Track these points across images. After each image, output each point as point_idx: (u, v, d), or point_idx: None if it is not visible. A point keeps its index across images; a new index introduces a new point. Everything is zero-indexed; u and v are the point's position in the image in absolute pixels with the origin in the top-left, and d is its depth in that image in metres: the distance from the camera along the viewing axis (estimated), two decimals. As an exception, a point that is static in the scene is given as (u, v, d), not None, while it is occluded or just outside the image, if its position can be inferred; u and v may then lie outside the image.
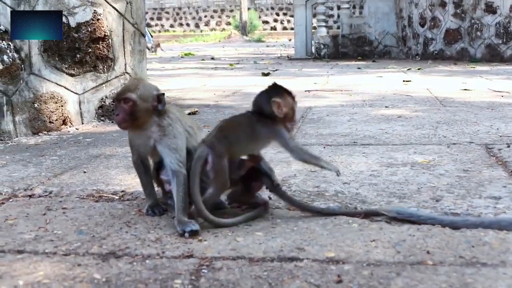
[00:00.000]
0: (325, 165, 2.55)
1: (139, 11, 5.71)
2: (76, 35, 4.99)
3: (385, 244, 2.23)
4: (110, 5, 5.28)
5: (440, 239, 2.26)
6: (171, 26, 40.37)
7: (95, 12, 5.12)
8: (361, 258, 2.10)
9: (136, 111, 2.54)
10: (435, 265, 2.02)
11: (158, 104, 2.59)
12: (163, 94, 2.63)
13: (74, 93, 5.05)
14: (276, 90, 2.54)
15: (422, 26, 14.46)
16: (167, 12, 40.29)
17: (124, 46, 5.47)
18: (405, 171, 3.29)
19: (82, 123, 5.12)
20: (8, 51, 4.48)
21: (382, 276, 1.94)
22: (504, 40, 12.66)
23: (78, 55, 5.03)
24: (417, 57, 14.72)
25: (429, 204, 2.66)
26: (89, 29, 5.08)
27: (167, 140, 2.57)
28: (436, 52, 14.03)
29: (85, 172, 3.44)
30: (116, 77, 5.39)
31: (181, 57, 18.69)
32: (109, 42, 5.27)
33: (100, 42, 5.19)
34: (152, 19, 39.62)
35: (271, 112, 2.49)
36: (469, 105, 6.02)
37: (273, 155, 3.73)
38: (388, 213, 2.52)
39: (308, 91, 7.59)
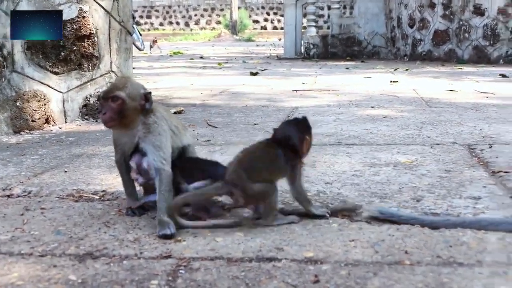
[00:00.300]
0: (313, 210, 2.53)
1: (125, 9, 5.68)
2: (60, 33, 4.96)
3: (364, 244, 2.23)
4: (96, 2, 5.25)
5: (418, 239, 2.25)
6: (161, 24, 40.28)
7: (80, 9, 5.08)
8: (340, 258, 2.09)
9: (124, 110, 2.53)
10: (412, 265, 2.01)
11: (145, 103, 2.58)
12: (150, 92, 2.62)
13: (58, 91, 5.02)
14: (305, 125, 2.51)
15: (411, 27, 14.50)
16: (157, 10, 40.20)
17: (110, 44, 5.44)
18: (387, 171, 3.29)
19: (66, 122, 5.09)
20: (-9, 49, 4.44)
21: (359, 276, 1.94)
22: (491, 42, 12.72)
23: (62, 53, 5.00)
24: (405, 57, 14.75)
25: (410, 204, 2.66)
26: (74, 26, 5.05)
27: (151, 138, 2.56)
28: (424, 53, 14.07)
29: (66, 171, 3.42)
30: (101, 75, 5.36)
31: (170, 55, 18.64)
32: (94, 40, 5.24)
33: (86, 40, 5.16)
34: (141, 17, 39.52)
35: (297, 148, 2.48)
36: (454, 106, 6.03)
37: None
38: (371, 213, 2.52)
39: (296, 91, 7.58)
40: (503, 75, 9.09)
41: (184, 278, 1.96)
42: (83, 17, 5.11)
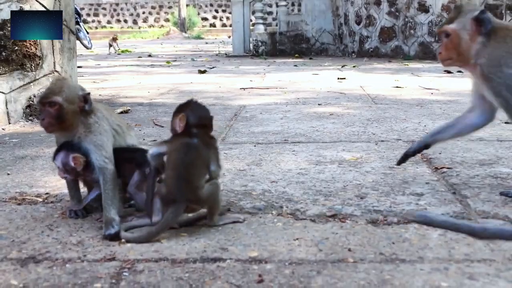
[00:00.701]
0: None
1: (68, 8, 5.58)
2: (1, 32, 4.85)
3: (308, 242, 2.25)
4: (37, 1, 5.14)
5: (362, 236, 2.29)
6: (108, 22, 39.80)
7: (21, 8, 4.97)
8: (284, 257, 2.11)
9: (63, 114, 2.50)
10: (355, 262, 2.05)
11: (84, 104, 2.55)
12: (89, 93, 2.59)
13: (0, 92, 4.91)
14: (195, 104, 2.49)
15: (358, 24, 14.68)
16: (104, 8, 39.69)
17: (52, 44, 5.34)
18: (332, 168, 3.33)
19: (9, 123, 4.99)
20: None
21: (303, 275, 1.96)
22: (437, 38, 12.96)
23: (3, 53, 4.89)
24: (353, 54, 14.94)
25: (354, 202, 2.70)
26: (16, 26, 4.94)
27: (92, 137, 2.54)
28: (371, 49, 14.27)
29: (8, 174, 3.35)
30: (44, 75, 5.26)
31: (118, 54, 18.44)
32: (36, 40, 5.13)
33: (27, 40, 5.05)
34: (88, 15, 38.96)
35: (211, 127, 2.50)
36: (399, 102, 6.13)
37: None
38: (414, 218, 2.47)
39: (244, 88, 7.59)
40: (448, 71, 9.28)
41: (127, 280, 1.95)
42: (26, 15, 5.01)
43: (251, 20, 17.22)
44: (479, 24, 2.73)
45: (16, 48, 4.97)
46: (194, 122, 2.40)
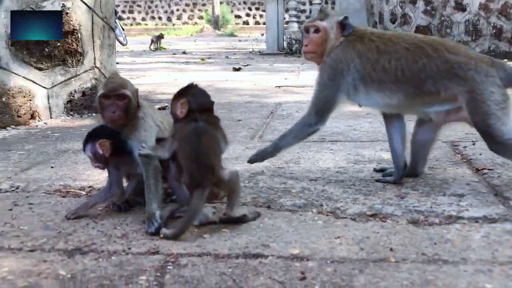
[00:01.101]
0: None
1: (108, 5, 5.67)
2: (44, 28, 4.94)
3: (349, 241, 2.26)
4: (79, -2, 5.24)
5: (403, 236, 2.29)
6: (143, 19, 40.11)
7: (63, 5, 5.06)
8: (325, 255, 2.13)
9: (130, 107, 2.56)
10: (397, 262, 2.05)
11: (138, 99, 2.61)
12: (138, 89, 2.67)
13: (43, 87, 5.01)
14: (193, 86, 2.53)
15: (393, 22, 14.58)
16: (139, 5, 40.01)
17: (93, 40, 5.43)
18: (371, 168, 3.33)
19: (51, 118, 5.08)
20: (-25, 44, 4.43)
21: (345, 273, 1.97)
22: (473, 37, 12.83)
23: (46, 49, 4.98)
24: (387, 53, 14.84)
25: (394, 201, 2.70)
26: (58, 22, 5.03)
27: (137, 133, 2.58)
28: (406, 48, 14.15)
29: (52, 167, 3.42)
30: (85, 71, 5.35)
31: (153, 51, 18.58)
32: (78, 36, 5.22)
33: (69, 36, 5.14)
34: (123, 12, 39.33)
35: (212, 107, 2.52)
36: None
37: (241, 151, 3.75)
38: None
39: (279, 86, 7.61)
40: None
41: (172, 274, 1.99)
42: (66, 13, 5.09)
43: (284, 18, 17.21)
44: (342, 28, 2.99)
45: (58, 44, 5.06)
46: (196, 107, 2.41)
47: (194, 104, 2.42)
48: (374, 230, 2.38)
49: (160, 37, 19.33)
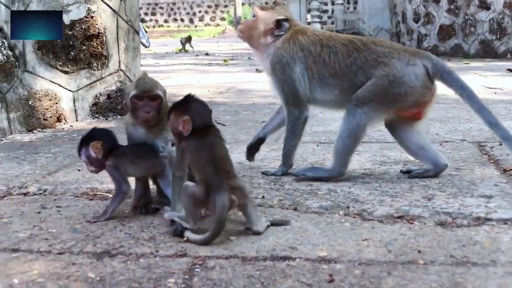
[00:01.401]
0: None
1: (132, 9, 5.71)
2: (70, 32, 5.00)
3: (376, 243, 2.26)
4: (104, 2, 5.28)
5: (431, 238, 2.28)
6: (165, 21, 40.30)
7: (89, 9, 5.12)
8: (353, 257, 2.12)
9: (161, 108, 2.59)
10: (426, 264, 2.04)
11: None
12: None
13: (68, 90, 5.06)
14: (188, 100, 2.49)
15: (416, 22, 14.50)
16: (161, 7, 40.22)
17: (118, 44, 5.48)
18: (397, 169, 3.31)
19: (76, 120, 5.13)
20: (3, 49, 4.48)
21: (373, 276, 1.97)
22: (498, 36, 12.72)
23: (72, 53, 5.03)
24: (411, 53, 14.75)
25: (421, 203, 2.68)
26: (83, 26, 5.09)
27: (165, 134, 2.61)
28: (430, 48, 14.06)
29: (79, 170, 3.45)
30: (110, 74, 5.40)
31: (176, 52, 18.67)
32: (103, 40, 5.27)
33: (94, 40, 5.19)
34: (146, 14, 39.56)
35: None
36: (462, 102, 6.00)
37: (266, 153, 3.76)
38: None
39: (302, 87, 7.58)
40: (510, 70, 9.07)
41: (200, 276, 1.99)
42: (92, 17, 5.15)
43: (306, 19, 17.19)
44: (277, 26, 3.17)
45: (84, 47, 5.10)
46: (201, 124, 2.37)
47: (199, 121, 2.36)
48: (402, 232, 2.37)
49: (188, 39, 19.32)
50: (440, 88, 3.12)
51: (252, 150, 3.44)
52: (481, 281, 1.90)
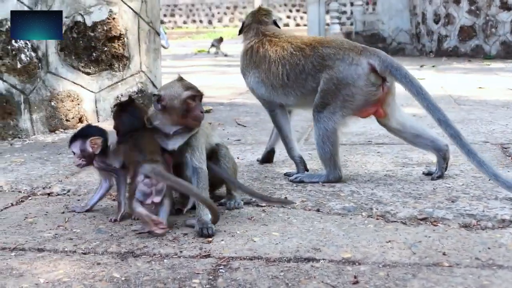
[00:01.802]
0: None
1: (154, 10, 5.74)
2: (92, 34, 5.03)
3: (400, 245, 2.25)
4: (126, 4, 5.31)
5: (456, 241, 2.27)
6: (184, 22, 40.43)
7: (110, 11, 5.15)
8: (377, 259, 2.12)
9: None
10: (451, 267, 2.03)
11: None
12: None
13: (90, 91, 5.09)
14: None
15: (436, 23, 14.40)
16: (180, 9, 40.35)
17: (139, 45, 5.50)
18: (420, 171, 3.30)
19: (98, 121, 5.16)
20: (26, 50, 4.52)
21: (398, 278, 1.96)
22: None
23: (94, 54, 5.07)
24: (431, 54, 14.66)
25: (445, 205, 2.67)
26: (105, 28, 5.12)
27: (191, 138, 2.63)
28: (450, 49, 13.96)
29: (102, 170, 3.47)
30: (131, 75, 5.42)
31: (195, 54, 18.71)
32: (124, 41, 5.30)
33: (116, 41, 5.23)
34: (165, 15, 39.71)
35: None
36: (484, 103, 5.99)
37: (287, 155, 3.75)
38: None
39: (322, 89, 7.57)
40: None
41: (224, 277, 2.00)
42: (113, 18, 5.18)
43: (325, 20, 17.15)
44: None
45: (106, 49, 5.14)
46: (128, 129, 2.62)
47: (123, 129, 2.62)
48: (426, 234, 2.35)
49: (220, 40, 18.35)
50: (462, 90, 3.09)
51: (266, 163, 3.60)
52: (507, 284, 1.88)
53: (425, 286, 1.89)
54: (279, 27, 3.47)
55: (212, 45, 17.98)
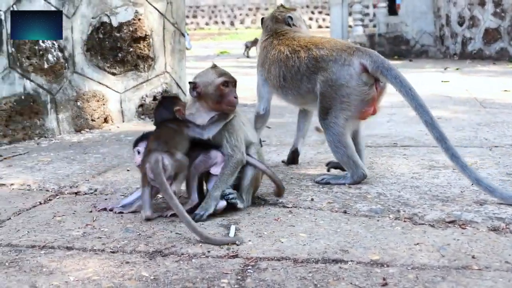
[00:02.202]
0: None
1: (179, 11, 5.76)
2: (118, 34, 5.07)
3: (429, 247, 2.23)
4: (151, 5, 5.35)
5: (485, 244, 2.25)
6: (206, 24, 40.54)
7: (136, 12, 5.18)
8: (406, 261, 2.11)
9: None
10: (480, 270, 2.02)
11: None
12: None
13: (116, 91, 5.13)
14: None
15: (461, 25, 14.29)
16: (203, 10, 40.47)
17: (164, 46, 5.53)
18: (447, 173, 3.27)
19: (123, 121, 5.20)
20: (53, 50, 4.57)
21: (427, 280, 1.95)
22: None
23: (119, 55, 5.10)
24: (455, 56, 14.55)
25: (473, 208, 2.65)
26: (131, 28, 5.16)
27: (227, 124, 2.70)
28: (474, 51, 13.85)
29: (128, 170, 3.50)
30: (156, 76, 5.45)
31: (217, 55, 18.75)
32: (150, 42, 5.34)
33: (141, 42, 5.26)
34: (187, 16, 39.85)
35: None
36: (510, 106, 5.93)
37: (313, 156, 3.75)
38: None
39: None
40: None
41: (253, 277, 2.00)
42: (139, 19, 5.22)
43: (348, 22, 17.09)
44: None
45: (131, 49, 5.17)
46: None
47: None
48: (454, 237, 2.34)
49: (255, 42, 16.86)
50: (487, 92, 3.08)
51: (291, 164, 3.61)
52: (539, 288, 1.86)
53: (455, 289, 1.88)
54: (290, 26, 3.52)
55: (246, 46, 17.74)
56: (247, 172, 2.73)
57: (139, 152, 2.75)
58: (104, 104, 5.01)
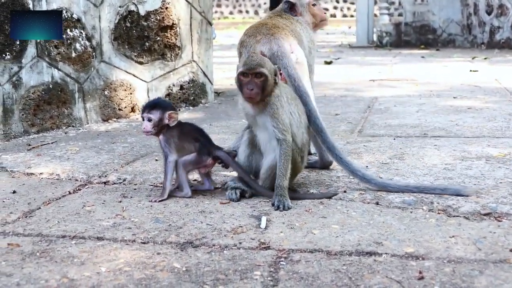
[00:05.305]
0: None
1: (206, 0, 5.73)
2: (145, 23, 5.05)
3: (465, 240, 2.19)
4: (179, -7, 5.32)
5: (523, 237, 2.20)
6: (231, 13, 40.48)
7: (163, 0, 5.16)
8: (441, 255, 2.06)
9: (266, 85, 2.64)
10: (519, 264, 1.97)
11: (275, 77, 2.69)
12: (279, 67, 2.80)
13: (143, 81, 5.11)
14: None
15: (489, 14, 14.07)
16: (227, -1, 40.40)
17: (191, 35, 5.51)
18: (480, 165, 3.21)
19: (150, 111, 5.18)
20: (80, 39, 4.56)
21: (464, 274, 1.91)
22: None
23: (147, 43, 5.09)
24: (482, 46, 14.34)
25: (509, 200, 2.59)
26: (158, 17, 5.13)
27: (270, 110, 2.66)
28: (503, 40, 13.64)
29: (157, 160, 3.48)
30: (183, 65, 5.43)
31: (241, 44, 18.68)
32: (177, 31, 5.31)
33: (168, 31, 5.24)
34: (212, 6, 39.85)
35: None
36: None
37: (342, 146, 3.70)
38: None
39: (373, 80, 7.48)
40: None
41: (286, 270, 1.97)
42: (166, 8, 5.19)
43: (374, 10, 16.92)
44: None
45: (158, 38, 5.15)
46: None
47: None
48: (490, 229, 2.29)
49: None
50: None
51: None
52: None
53: (494, 283, 1.83)
54: (287, 9, 3.37)
55: None
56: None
57: (150, 120, 2.76)
58: (131, 94, 5.00)
